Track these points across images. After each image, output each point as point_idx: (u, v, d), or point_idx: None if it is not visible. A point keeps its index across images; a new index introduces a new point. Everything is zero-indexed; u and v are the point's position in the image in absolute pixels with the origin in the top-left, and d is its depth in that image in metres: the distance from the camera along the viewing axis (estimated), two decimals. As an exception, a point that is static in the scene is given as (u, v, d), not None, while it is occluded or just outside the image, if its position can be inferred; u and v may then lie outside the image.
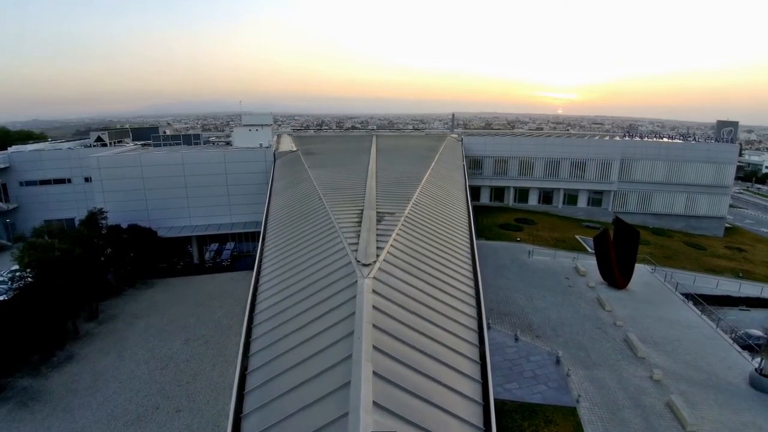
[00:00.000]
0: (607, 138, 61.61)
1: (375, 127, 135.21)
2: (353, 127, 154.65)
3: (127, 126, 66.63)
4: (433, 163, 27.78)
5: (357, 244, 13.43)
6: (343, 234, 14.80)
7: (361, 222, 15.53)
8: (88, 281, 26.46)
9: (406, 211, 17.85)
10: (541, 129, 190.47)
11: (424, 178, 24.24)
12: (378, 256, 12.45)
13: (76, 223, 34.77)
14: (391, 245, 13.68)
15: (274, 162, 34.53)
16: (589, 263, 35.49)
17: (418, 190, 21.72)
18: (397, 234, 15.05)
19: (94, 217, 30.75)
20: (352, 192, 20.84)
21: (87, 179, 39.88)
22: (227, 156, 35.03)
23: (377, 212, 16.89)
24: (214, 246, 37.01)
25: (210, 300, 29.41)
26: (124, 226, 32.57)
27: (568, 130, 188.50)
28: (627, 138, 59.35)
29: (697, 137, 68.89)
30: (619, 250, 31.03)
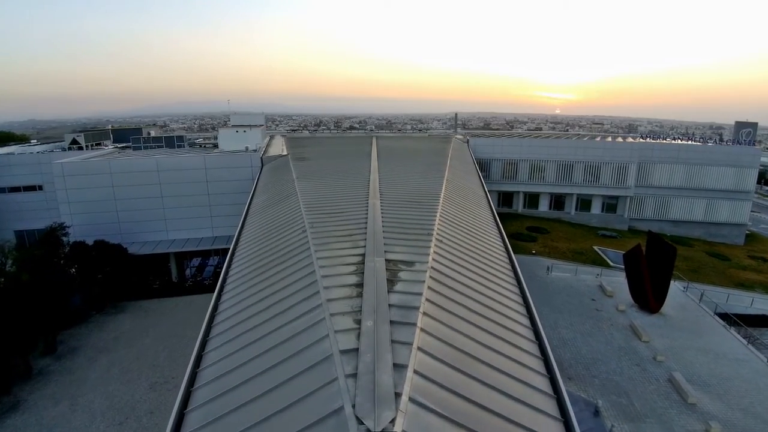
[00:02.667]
0: (620, 140, 58.10)
1: (373, 127, 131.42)
2: (351, 127, 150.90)
3: (110, 127, 62.43)
4: (446, 172, 23.48)
5: (356, 351, 7.57)
6: (332, 317, 8.78)
7: (362, 286, 9.82)
8: (42, 310, 22.61)
9: (431, 258, 12.21)
10: (540, 129, 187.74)
11: (442, 196, 19.25)
12: (399, 394, 6.46)
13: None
14: (419, 348, 7.75)
15: (261, 168, 30.64)
16: (615, 280, 31.99)
17: (437, 216, 16.44)
18: (425, 314, 8.98)
19: (54, 233, 26.84)
20: (349, 219, 15.71)
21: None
22: (208, 161, 31.06)
23: (387, 262, 11.41)
24: (196, 261, 33.18)
25: (185, 329, 25.54)
26: (93, 241, 28.74)
27: (567, 129, 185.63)
28: (642, 140, 55.94)
29: (701, 138, 65.52)
30: (652, 268, 27.43)
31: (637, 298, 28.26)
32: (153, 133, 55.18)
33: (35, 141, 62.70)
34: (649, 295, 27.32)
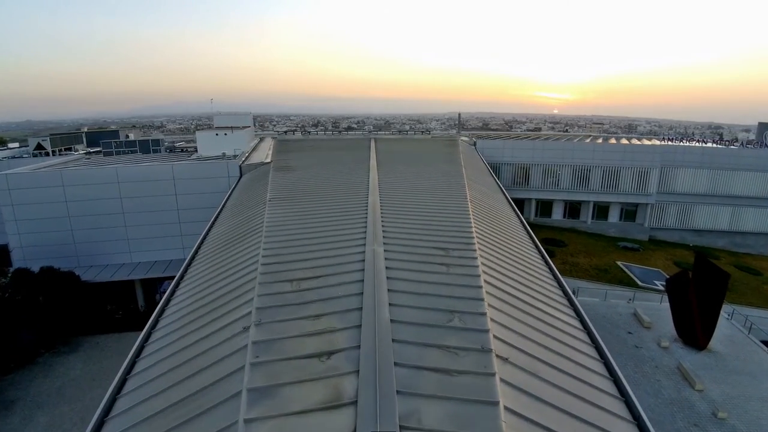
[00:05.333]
0: (636, 141, 54.12)
1: (371, 128, 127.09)
2: (349, 128, 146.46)
3: (85, 129, 57.94)
4: (467, 189, 18.49)
5: None
6: None
7: None
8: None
9: None
10: (539, 129, 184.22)
11: (474, 233, 13.40)
12: None
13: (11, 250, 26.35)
14: None
15: (239, 179, 26.29)
16: (650, 306, 27.96)
17: (483, 285, 10.42)
18: None
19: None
20: (331, 298, 9.62)
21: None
22: (177, 171, 26.62)
23: None
24: (168, 285, 28.79)
25: (145, 377, 21.22)
26: (46, 265, 24.45)
27: (566, 129, 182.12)
28: (665, 142, 51.99)
29: (726, 140, 61.64)
30: (700, 298, 23.32)
31: (681, 332, 24.13)
32: (132, 136, 50.79)
33: (17, 144, 58.29)
34: (697, 329, 23.21)
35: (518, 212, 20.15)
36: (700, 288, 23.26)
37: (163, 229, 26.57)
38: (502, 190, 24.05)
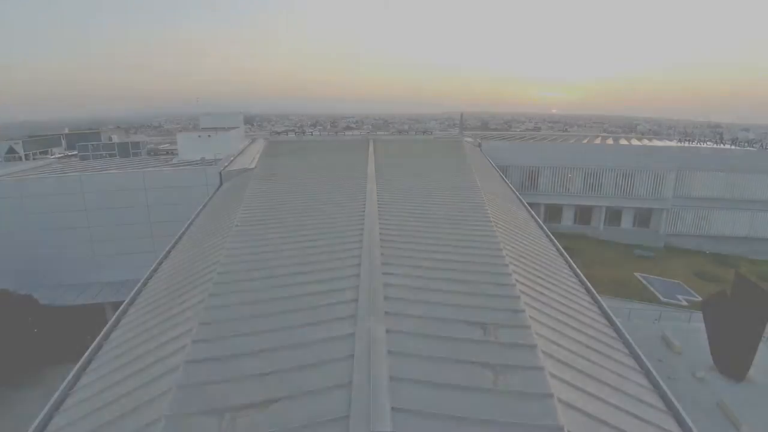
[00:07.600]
0: (648, 142, 51.50)
1: (370, 127, 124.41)
2: (347, 127, 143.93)
3: (66, 131, 54.92)
4: (489, 210, 14.92)
5: None
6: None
7: None
8: None
9: None
10: (539, 129, 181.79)
11: (517, 288, 9.47)
12: None
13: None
14: None
15: (218, 188, 23.45)
16: (678, 328, 25.31)
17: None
18: None
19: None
20: None
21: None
22: (148, 179, 23.81)
23: None
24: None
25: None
26: (1, 287, 21.72)
27: (566, 129, 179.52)
28: (681, 143, 49.41)
29: (746, 142, 59.03)
30: (741, 322, 20.64)
31: (719, 360, 21.44)
32: (115, 138, 47.90)
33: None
34: (738, 358, 20.51)
35: (547, 231, 17.27)
36: (741, 311, 20.60)
37: (134, 244, 23.72)
38: (522, 202, 21.17)
